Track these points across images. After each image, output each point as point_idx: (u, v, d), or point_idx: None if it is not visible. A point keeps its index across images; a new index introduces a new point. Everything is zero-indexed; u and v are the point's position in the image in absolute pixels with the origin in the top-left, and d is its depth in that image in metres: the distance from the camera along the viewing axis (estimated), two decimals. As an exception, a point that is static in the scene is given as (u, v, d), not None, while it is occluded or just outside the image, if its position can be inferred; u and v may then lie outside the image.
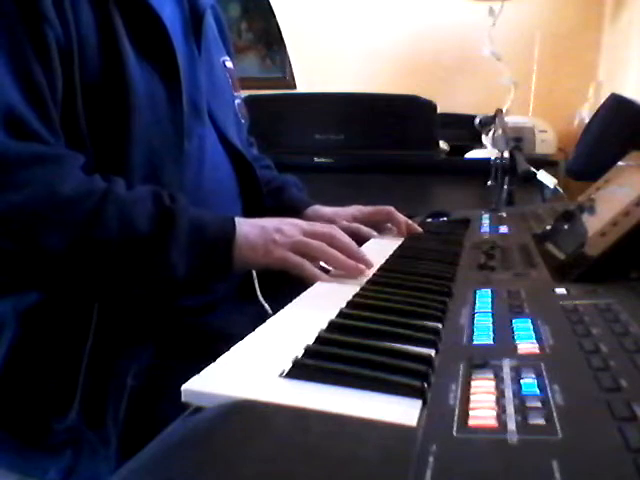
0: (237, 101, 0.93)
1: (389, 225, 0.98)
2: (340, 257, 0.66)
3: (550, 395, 0.33)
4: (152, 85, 0.69)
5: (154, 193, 0.62)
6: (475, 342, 0.43)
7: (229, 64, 0.93)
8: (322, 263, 0.68)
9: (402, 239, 0.92)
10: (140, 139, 0.67)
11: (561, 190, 1.26)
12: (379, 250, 0.79)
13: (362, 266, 0.66)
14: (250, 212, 0.81)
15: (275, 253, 0.65)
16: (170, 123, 0.71)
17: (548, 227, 0.78)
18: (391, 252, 0.79)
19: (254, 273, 0.78)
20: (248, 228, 0.66)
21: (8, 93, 0.58)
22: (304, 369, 0.38)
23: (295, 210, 0.97)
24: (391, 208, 0.97)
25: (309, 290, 0.61)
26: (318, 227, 0.70)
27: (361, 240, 0.88)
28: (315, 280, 0.64)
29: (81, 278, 0.60)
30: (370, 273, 0.66)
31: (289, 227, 0.68)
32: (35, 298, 0.65)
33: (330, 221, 0.95)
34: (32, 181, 0.56)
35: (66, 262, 0.58)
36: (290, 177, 1.06)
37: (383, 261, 0.73)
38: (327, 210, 0.99)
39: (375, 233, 0.93)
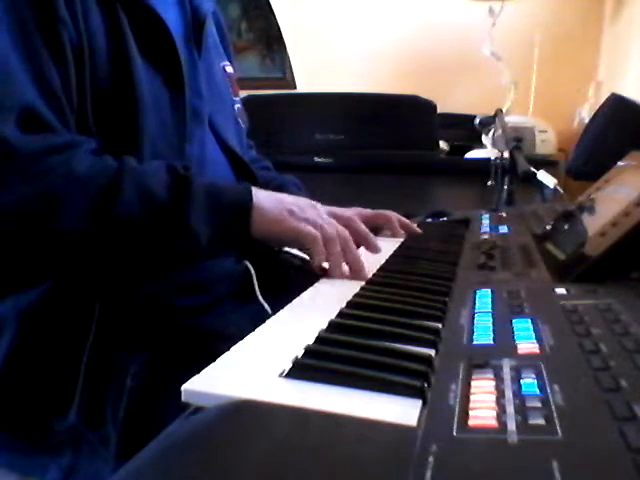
0: (237, 106, 0.93)
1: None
2: (348, 251, 0.67)
3: (550, 395, 0.33)
4: (157, 89, 0.70)
5: (167, 164, 0.64)
6: (475, 342, 0.43)
7: (229, 69, 0.93)
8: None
9: (402, 239, 0.92)
10: (146, 141, 0.68)
11: (561, 190, 1.26)
12: (379, 250, 0.79)
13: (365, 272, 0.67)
14: None
15: (288, 222, 0.66)
16: (173, 127, 0.72)
17: (548, 227, 0.78)
18: (391, 252, 0.79)
19: (253, 273, 0.78)
20: (265, 197, 0.67)
21: (23, 89, 0.59)
22: (304, 369, 0.38)
23: None
24: (391, 216, 0.96)
25: (309, 290, 0.61)
26: (339, 211, 0.73)
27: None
28: (321, 260, 0.65)
29: (106, 253, 0.61)
30: (370, 273, 0.66)
31: (306, 203, 0.70)
32: (35, 298, 0.65)
33: None
34: (49, 169, 0.58)
35: (91, 239, 0.59)
36: (290, 177, 1.06)
37: (383, 261, 0.73)
38: (326, 210, 0.99)
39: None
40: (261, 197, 0.67)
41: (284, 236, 0.67)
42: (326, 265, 0.68)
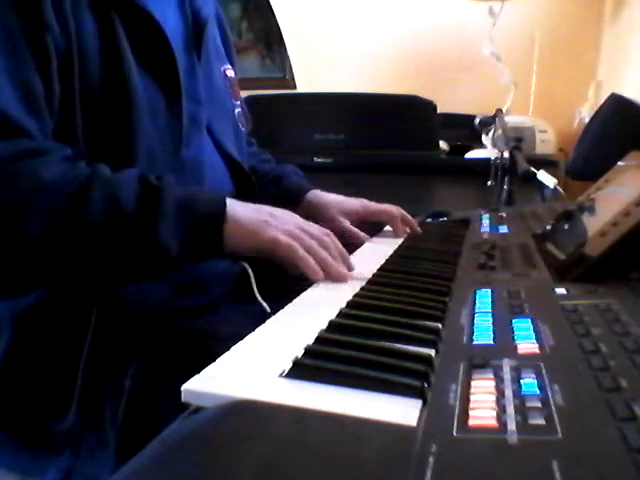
0: (237, 110, 0.92)
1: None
2: (329, 259, 0.64)
3: (550, 395, 0.33)
4: (152, 96, 0.69)
5: (140, 174, 0.62)
6: (475, 342, 0.43)
7: (230, 73, 0.92)
8: None
9: (402, 239, 0.92)
10: (140, 148, 0.67)
11: (561, 190, 1.26)
12: (378, 251, 0.79)
13: (346, 273, 0.65)
14: None
15: (266, 233, 0.63)
16: (169, 133, 0.71)
17: (548, 227, 0.78)
18: (391, 252, 0.79)
19: (251, 272, 0.78)
20: (240, 208, 0.65)
21: (1, 94, 0.57)
22: (304, 369, 0.38)
23: (296, 196, 0.96)
24: (395, 214, 0.96)
25: (309, 290, 0.61)
26: (314, 227, 0.69)
27: (357, 244, 0.88)
28: (305, 264, 0.63)
29: (72, 262, 0.59)
30: (370, 273, 0.66)
31: (283, 214, 0.67)
32: (32, 300, 0.65)
33: (331, 217, 0.94)
34: (16, 175, 0.56)
35: (54, 248, 0.57)
36: (290, 166, 1.05)
37: (383, 261, 0.73)
38: (330, 198, 0.97)
39: (369, 240, 0.93)
40: (236, 208, 0.64)
41: (261, 247, 0.64)
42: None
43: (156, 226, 0.58)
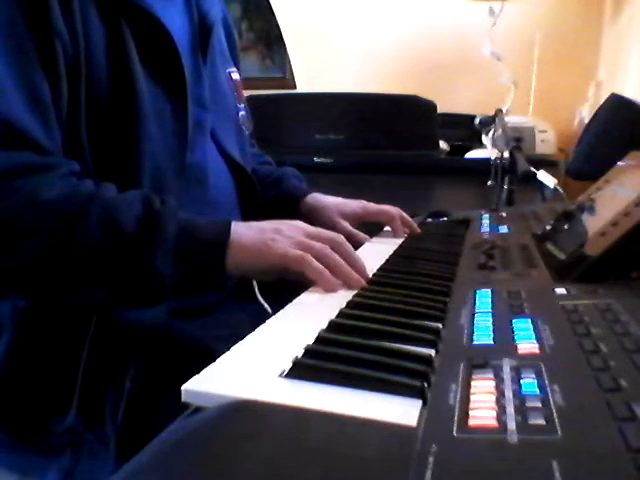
0: (241, 113, 0.91)
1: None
2: (344, 264, 0.62)
3: (550, 395, 0.33)
4: (159, 101, 0.69)
5: (144, 196, 0.61)
6: (475, 342, 0.43)
7: (235, 75, 0.92)
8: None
9: (402, 239, 0.92)
10: (146, 153, 0.67)
11: (561, 190, 1.26)
12: (378, 251, 0.79)
13: (362, 281, 0.62)
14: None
15: (273, 251, 0.61)
16: (175, 138, 0.71)
17: (548, 227, 0.78)
18: (391, 252, 0.79)
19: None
20: (244, 230, 0.63)
21: (10, 102, 0.57)
22: (304, 369, 0.38)
23: (294, 199, 0.96)
24: (394, 215, 0.95)
25: (309, 290, 0.61)
26: (323, 231, 0.67)
27: (357, 245, 0.88)
28: (318, 276, 0.60)
29: (65, 282, 0.58)
30: (370, 273, 0.66)
31: (289, 227, 0.65)
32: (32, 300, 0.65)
33: (330, 220, 0.94)
34: (15, 191, 0.55)
35: (49, 267, 0.56)
36: (289, 169, 1.05)
37: (383, 261, 0.73)
38: (329, 200, 0.96)
39: (369, 240, 0.92)
40: (241, 231, 0.62)
41: (271, 266, 0.61)
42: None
43: (153, 252, 0.57)
